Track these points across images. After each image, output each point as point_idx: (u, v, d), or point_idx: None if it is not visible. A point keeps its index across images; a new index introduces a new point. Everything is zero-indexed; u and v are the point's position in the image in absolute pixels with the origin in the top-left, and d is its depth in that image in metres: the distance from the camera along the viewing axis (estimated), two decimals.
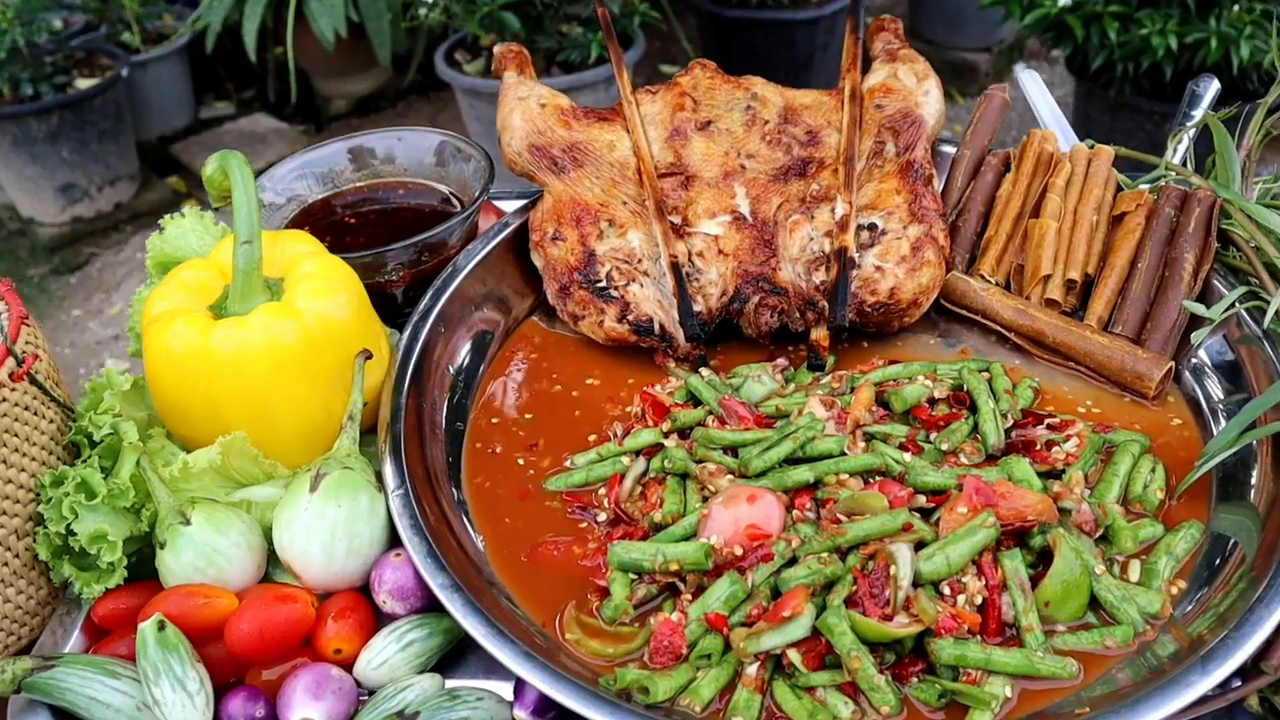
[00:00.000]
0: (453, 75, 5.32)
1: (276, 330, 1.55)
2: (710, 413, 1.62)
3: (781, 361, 1.75)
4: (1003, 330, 1.82)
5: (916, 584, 1.34)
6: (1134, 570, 1.42)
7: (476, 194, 1.98)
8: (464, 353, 1.84)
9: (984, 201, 1.98)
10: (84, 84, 5.71)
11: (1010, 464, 1.49)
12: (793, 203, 1.91)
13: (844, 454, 1.50)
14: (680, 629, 1.36)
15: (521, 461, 1.68)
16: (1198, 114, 2.13)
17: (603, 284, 1.81)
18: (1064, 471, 1.51)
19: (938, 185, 1.96)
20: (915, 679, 1.31)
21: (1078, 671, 1.31)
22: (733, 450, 1.53)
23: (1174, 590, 1.41)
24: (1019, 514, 1.40)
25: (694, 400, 1.67)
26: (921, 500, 1.45)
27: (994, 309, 1.82)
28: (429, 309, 1.83)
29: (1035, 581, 1.38)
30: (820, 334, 1.79)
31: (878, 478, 1.47)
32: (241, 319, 1.56)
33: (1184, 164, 1.98)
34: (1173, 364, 1.68)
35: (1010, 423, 1.59)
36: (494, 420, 1.76)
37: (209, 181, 1.70)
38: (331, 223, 2.12)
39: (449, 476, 1.65)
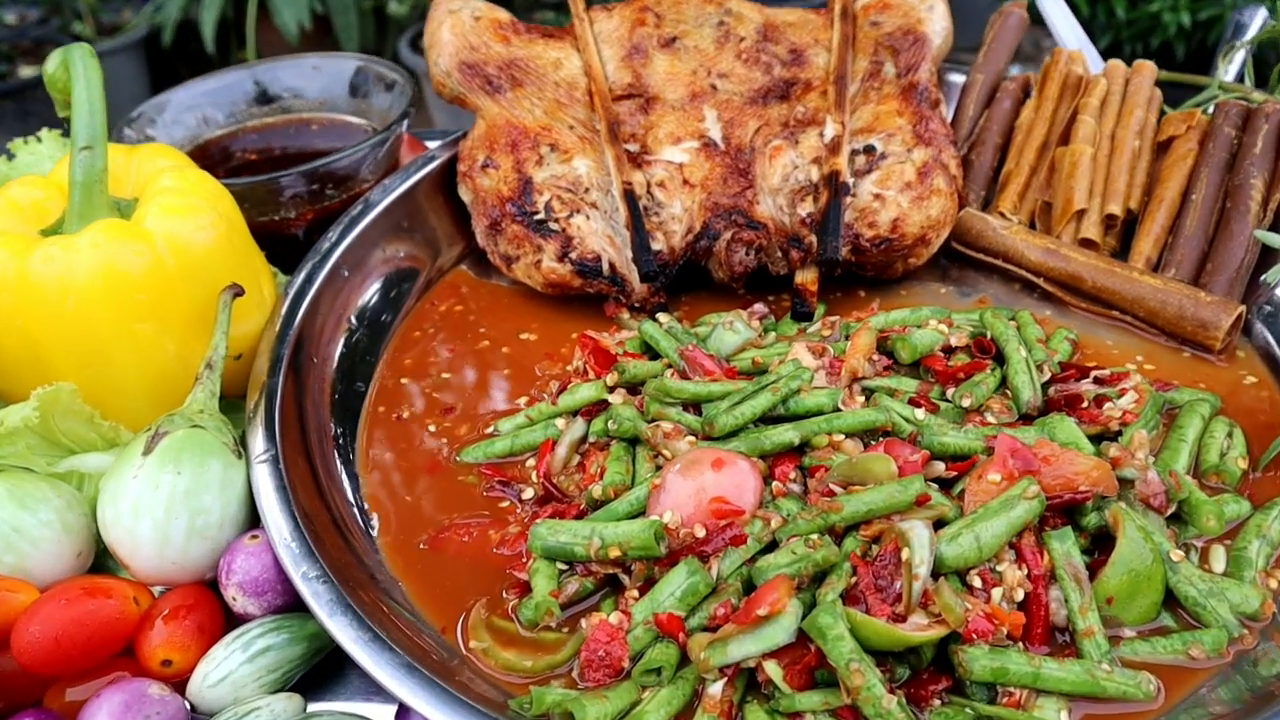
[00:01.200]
0: (417, 61, 5.02)
1: (115, 254, 1.21)
2: (669, 366, 1.28)
3: (760, 308, 1.42)
4: (1029, 275, 1.49)
5: (937, 573, 1.00)
6: (1218, 558, 1.09)
7: (395, 118, 1.65)
8: (370, 301, 1.51)
9: (1001, 132, 1.66)
10: (28, 73, 5.39)
11: (1052, 423, 1.16)
12: (773, 127, 1.59)
13: (838, 410, 1.16)
14: (621, 635, 1.01)
15: (433, 429, 1.34)
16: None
17: (540, 216, 1.48)
18: (1120, 433, 1.18)
19: (945, 113, 1.64)
20: (938, 700, 0.97)
21: (1156, 691, 0.98)
22: (695, 407, 1.19)
23: (1273, 583, 1.07)
24: (1068, 483, 1.07)
25: (650, 353, 1.34)
26: (939, 468, 1.12)
27: (1017, 250, 1.49)
28: (329, 249, 1.49)
29: (1093, 571, 1.04)
30: (807, 276, 1.46)
31: (882, 439, 1.14)
32: (68, 238, 1.22)
33: (1240, 82, 1.67)
34: (1243, 309, 1.36)
35: (1047, 376, 1.26)
36: (403, 380, 1.42)
37: (51, 82, 1.36)
38: (231, 166, 1.79)
39: (338, 445, 1.30)
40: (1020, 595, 1.01)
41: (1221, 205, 1.46)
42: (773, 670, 0.95)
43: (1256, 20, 1.91)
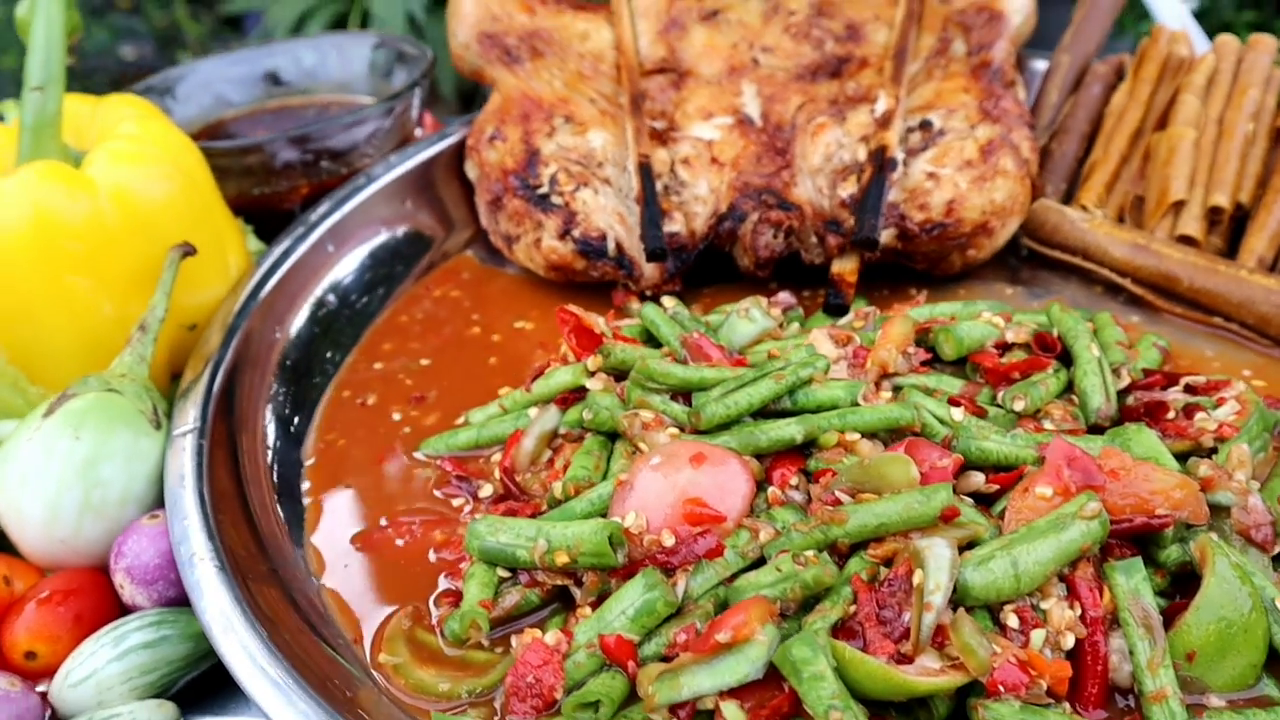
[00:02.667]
0: None
1: (46, 197, 1.09)
2: (669, 355, 1.09)
3: (785, 296, 1.21)
4: (1113, 276, 1.26)
5: (960, 605, 0.78)
6: None
7: (412, 97, 1.52)
8: (356, 281, 1.36)
9: (1088, 119, 1.44)
10: None
11: (1127, 433, 0.92)
12: (819, 104, 1.40)
13: (857, 406, 0.95)
14: (557, 658, 0.82)
15: (398, 417, 1.17)
16: None
17: (544, 189, 1.31)
18: (1215, 450, 0.93)
19: (1024, 97, 1.42)
20: None
21: None
22: (686, 398, 1.00)
23: None
24: (1142, 504, 0.83)
25: (652, 343, 1.14)
26: (978, 480, 0.89)
27: (1100, 246, 1.26)
28: (316, 221, 1.35)
29: (1170, 619, 0.80)
30: (845, 266, 1.25)
31: (906, 440, 0.92)
32: None
33: None
34: None
35: (1126, 382, 1.02)
36: (376, 365, 1.26)
37: (21, 27, 1.27)
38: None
39: (287, 430, 1.15)
40: (1070, 642, 0.78)
41: None
42: (731, 714, 0.74)
43: None
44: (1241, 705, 0.78)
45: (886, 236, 1.23)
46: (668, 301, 1.18)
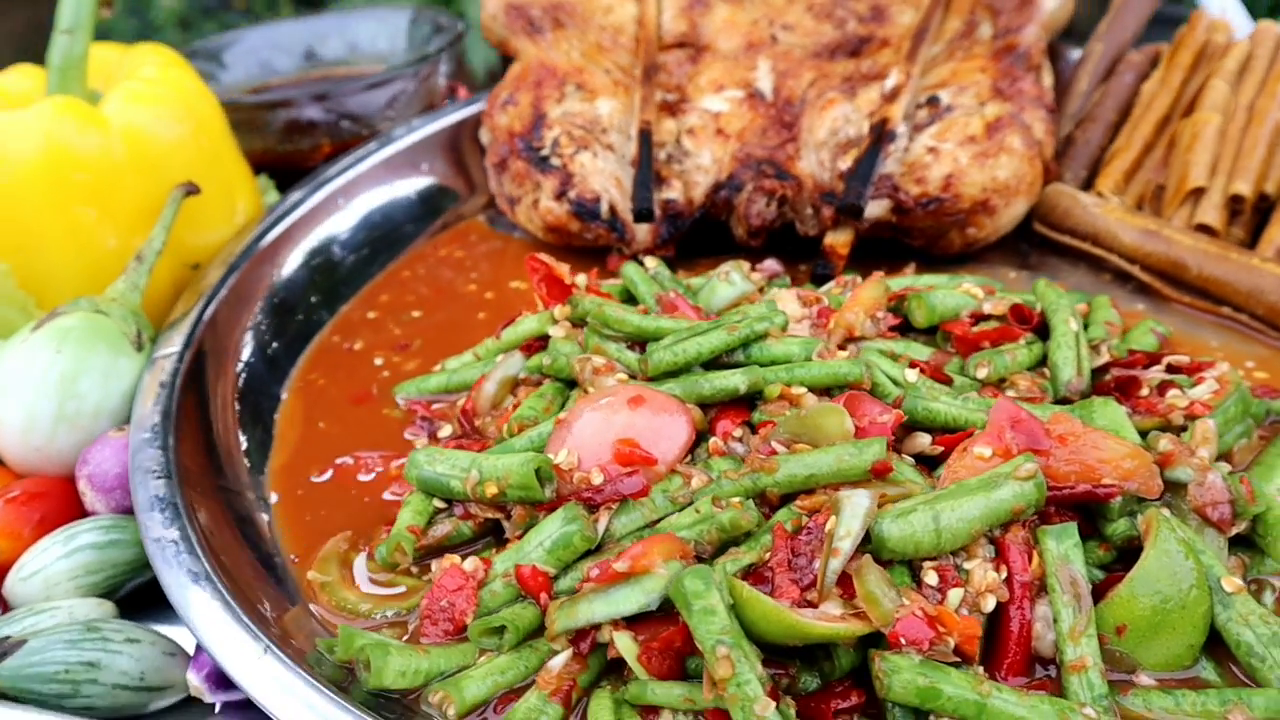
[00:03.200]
0: None
1: (57, 129, 1.14)
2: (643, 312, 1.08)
3: (771, 264, 1.19)
4: (1121, 263, 1.21)
5: (881, 560, 0.76)
6: None
7: (439, 63, 1.56)
8: (364, 235, 1.39)
9: (1117, 108, 1.39)
10: None
11: (1092, 406, 0.88)
12: (832, 80, 1.38)
13: (810, 361, 0.93)
14: (472, 585, 0.82)
15: (379, 361, 1.19)
16: None
17: (545, 151, 1.32)
18: (1185, 429, 0.89)
19: (1049, 83, 1.38)
20: None
21: None
22: (644, 347, 0.99)
23: None
24: (1087, 471, 0.80)
25: (632, 301, 1.14)
26: (923, 441, 0.87)
27: (1110, 231, 1.21)
28: (331, 177, 1.39)
29: (1106, 590, 0.77)
30: (838, 238, 1.23)
31: (848, 394, 0.90)
32: (13, 111, 1.16)
33: None
34: None
35: (1105, 359, 0.98)
36: (370, 314, 1.28)
37: None
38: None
39: (272, 366, 1.18)
40: (990, 605, 0.75)
41: None
42: (624, 645, 0.73)
43: None
44: (1173, 685, 0.74)
45: (881, 209, 1.20)
46: (650, 261, 1.17)
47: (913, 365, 0.95)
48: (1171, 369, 0.96)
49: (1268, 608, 0.77)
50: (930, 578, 0.76)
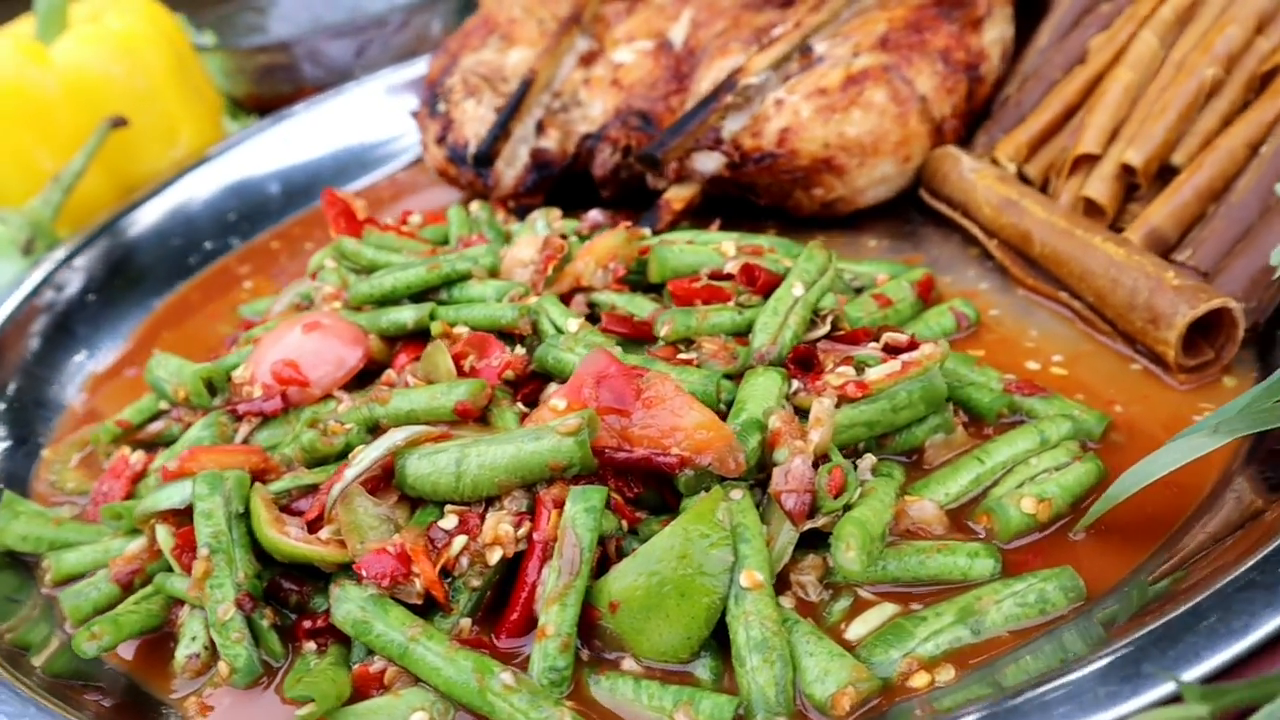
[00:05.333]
0: None
1: (4, 66, 1.32)
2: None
3: (595, 214, 1.14)
4: (979, 234, 1.07)
5: (411, 499, 0.74)
6: (869, 620, 0.68)
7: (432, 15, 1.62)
8: (310, 175, 1.48)
9: (1065, 66, 1.20)
10: None
11: (755, 375, 0.80)
12: (742, 30, 1.30)
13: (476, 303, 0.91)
14: (128, 474, 0.90)
15: (249, 286, 1.28)
16: None
17: (440, 98, 1.35)
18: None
19: (990, 38, 1.22)
20: (311, 643, 0.73)
21: None
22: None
23: (921, 679, 0.64)
24: (656, 439, 0.73)
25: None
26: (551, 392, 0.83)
27: (975, 200, 1.07)
28: (284, 117, 1.50)
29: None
30: (678, 193, 1.17)
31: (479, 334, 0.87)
32: None
33: None
34: (1234, 307, 0.84)
35: (824, 330, 0.87)
36: (273, 245, 1.38)
37: None
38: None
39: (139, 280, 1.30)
40: (495, 556, 0.71)
41: None
42: (161, 536, 0.77)
43: None
44: (656, 676, 0.67)
45: (714, 164, 1.13)
46: (474, 205, 1.18)
47: (634, 331, 0.89)
48: (889, 348, 0.84)
49: (814, 630, 0.67)
50: (448, 521, 0.73)
